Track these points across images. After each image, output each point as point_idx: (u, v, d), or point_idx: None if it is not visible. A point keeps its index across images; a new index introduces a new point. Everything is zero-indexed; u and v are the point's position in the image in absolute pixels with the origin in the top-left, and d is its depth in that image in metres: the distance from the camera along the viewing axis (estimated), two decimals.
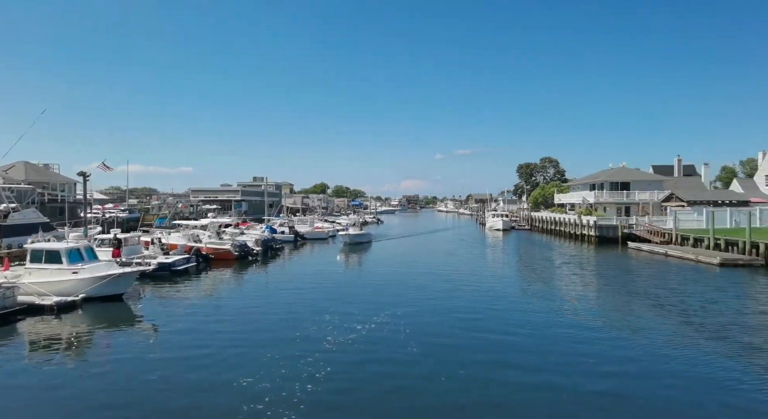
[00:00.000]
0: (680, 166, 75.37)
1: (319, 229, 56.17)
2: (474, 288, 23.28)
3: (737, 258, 29.28)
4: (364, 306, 18.42)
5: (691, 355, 12.78)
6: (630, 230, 45.84)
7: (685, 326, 15.62)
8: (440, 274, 27.79)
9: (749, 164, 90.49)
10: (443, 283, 24.47)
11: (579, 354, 13.14)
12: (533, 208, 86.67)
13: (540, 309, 18.44)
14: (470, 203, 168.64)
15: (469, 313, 17.84)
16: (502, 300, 20.44)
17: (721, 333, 14.64)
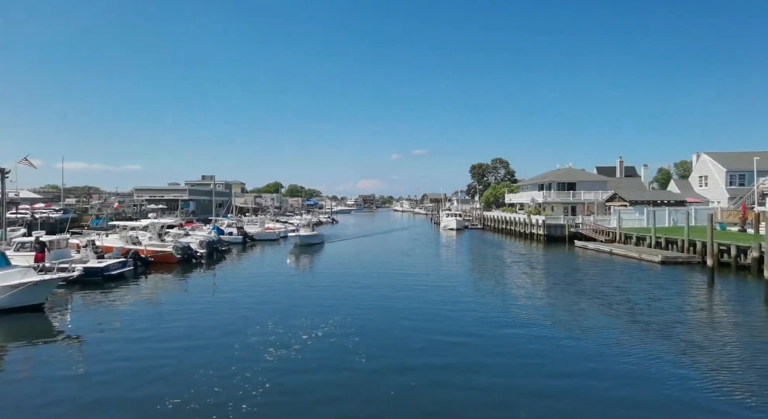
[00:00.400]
0: (622, 167, 78.85)
1: (270, 230, 54.43)
2: (426, 289, 22.90)
3: (677, 256, 30.54)
4: (312, 312, 17.46)
5: (640, 354, 12.81)
6: (576, 229, 47.26)
7: (632, 325, 15.78)
8: (393, 275, 27.27)
9: (682, 166, 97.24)
10: (395, 285, 23.93)
11: (531, 355, 13.01)
12: (485, 207, 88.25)
13: (492, 310, 18.24)
14: (425, 203, 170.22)
15: (421, 316, 17.34)
16: (454, 301, 20.11)
17: (665, 332, 14.85)
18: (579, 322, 16.31)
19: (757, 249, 25.61)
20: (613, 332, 14.98)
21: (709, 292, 21.39)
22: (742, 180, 56.13)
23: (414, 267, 31.39)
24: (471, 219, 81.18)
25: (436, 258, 37.13)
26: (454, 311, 18.25)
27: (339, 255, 38.86)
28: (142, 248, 30.20)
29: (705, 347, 13.40)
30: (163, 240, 33.71)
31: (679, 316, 17.03)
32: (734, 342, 13.81)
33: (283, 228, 56.65)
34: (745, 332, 14.98)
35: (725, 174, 56.45)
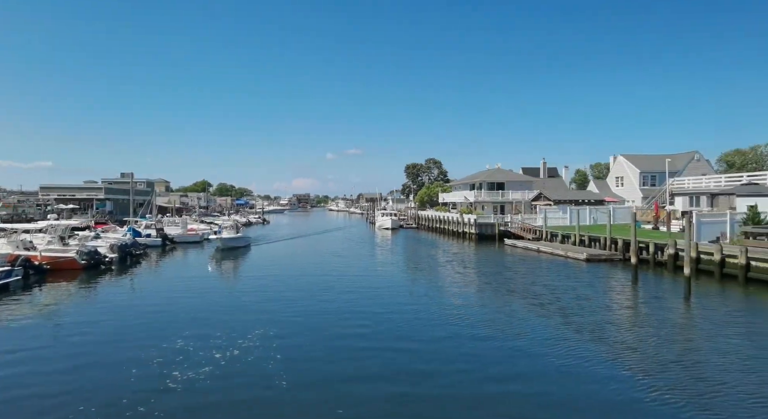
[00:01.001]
0: (545, 168, 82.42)
1: (193, 231, 50.88)
2: (359, 293, 21.77)
3: (600, 253, 31.73)
4: (231, 325, 15.64)
5: (575, 356, 12.52)
6: (506, 228, 48.37)
7: (565, 326, 15.60)
8: (323, 280, 25.83)
9: (596, 168, 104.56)
10: (326, 289, 22.59)
11: (467, 360, 12.42)
12: (420, 207, 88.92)
13: (426, 314, 17.46)
14: (361, 202, 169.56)
15: (352, 324, 16.12)
16: (388, 305, 19.13)
17: (598, 333, 14.76)
18: (513, 324, 15.94)
19: (673, 247, 27.07)
20: (547, 333, 14.70)
21: (633, 289, 22.07)
22: (653, 180, 60.38)
23: (347, 269, 30.20)
24: (406, 218, 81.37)
25: (371, 259, 36.18)
26: (387, 316, 17.28)
27: (267, 258, 36.70)
28: (36, 254, 26.58)
29: (637, 348, 13.37)
30: (65, 245, 30.04)
31: (609, 315, 17.19)
32: (663, 342, 13.92)
33: (207, 230, 53.20)
34: (673, 330, 15.26)
35: (639, 175, 60.44)
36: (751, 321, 16.21)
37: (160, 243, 43.44)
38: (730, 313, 17.30)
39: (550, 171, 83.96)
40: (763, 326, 15.70)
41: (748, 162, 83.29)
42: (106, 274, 27.51)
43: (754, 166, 78.69)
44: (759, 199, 33.22)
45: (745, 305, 18.78)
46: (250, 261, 34.65)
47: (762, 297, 19.82)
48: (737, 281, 22.39)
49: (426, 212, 74.43)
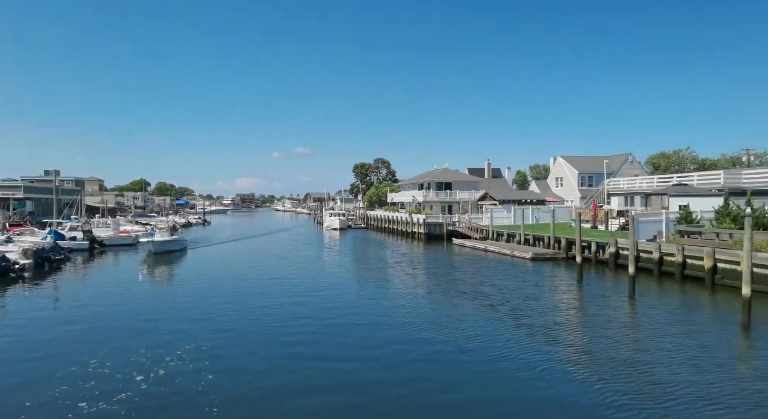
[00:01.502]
0: (489, 169, 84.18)
1: (126, 233, 47.35)
2: (304, 298, 20.54)
3: (544, 252, 32.23)
4: (155, 342, 13.96)
5: (529, 360, 12.14)
6: (454, 227, 48.57)
7: (517, 329, 15.24)
8: (265, 284, 24.32)
9: (535, 169, 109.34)
10: (267, 296, 21.18)
11: (421, 368, 11.76)
12: (369, 206, 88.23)
13: (373, 319, 16.59)
14: (308, 202, 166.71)
15: (295, 334, 14.92)
16: (335, 312, 18.08)
17: (551, 335, 14.49)
18: (464, 327, 15.39)
19: (614, 245, 27.82)
20: (499, 336, 14.26)
21: (579, 288, 22.28)
22: (591, 181, 62.93)
23: (291, 272, 28.78)
24: (355, 218, 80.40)
25: (317, 262, 34.86)
26: (334, 322, 16.27)
27: (205, 262, 34.44)
28: None
29: (589, 350, 13.14)
30: None
31: (558, 316, 17.05)
32: (614, 343, 13.81)
33: (142, 231, 49.63)
34: (622, 331, 15.26)
35: (577, 175, 62.80)
36: (691, 319, 16.58)
37: (87, 246, 39.92)
38: (672, 311, 17.67)
39: (494, 172, 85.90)
40: (702, 324, 16.07)
41: (672, 164, 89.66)
42: (16, 283, 24.55)
43: (676, 169, 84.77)
44: (690, 198, 35.06)
45: (683, 303, 19.32)
46: (186, 266, 32.29)
47: (697, 294, 20.54)
48: (674, 279, 23.20)
49: (375, 212, 73.82)
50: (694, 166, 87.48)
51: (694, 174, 44.92)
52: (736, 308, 17.59)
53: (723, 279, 21.20)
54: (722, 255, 21.29)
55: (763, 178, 38.57)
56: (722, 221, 28.01)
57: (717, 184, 40.71)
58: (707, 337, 14.20)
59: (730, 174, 40.69)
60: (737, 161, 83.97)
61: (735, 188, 39.54)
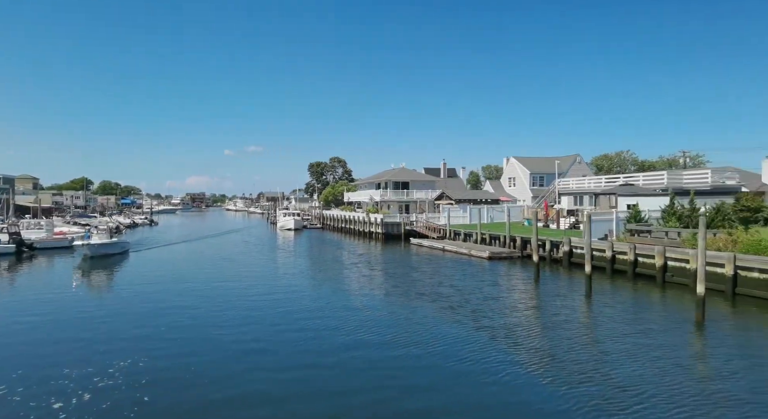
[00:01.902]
0: (445, 169, 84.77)
1: (61, 235, 43.86)
2: (254, 305, 19.32)
3: (501, 251, 32.35)
4: (83, 359, 12.42)
5: (491, 361, 11.74)
6: (411, 227, 48.27)
7: (479, 332, 14.80)
8: (212, 290, 22.71)
9: (487, 169, 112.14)
10: (213, 302, 19.72)
11: (376, 373, 11.29)
12: (325, 206, 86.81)
13: (330, 324, 15.69)
14: (262, 201, 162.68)
15: (244, 347, 13.79)
16: (287, 317, 17.04)
17: (512, 338, 14.16)
18: (424, 331, 14.81)
19: (568, 244, 28.21)
20: (460, 339, 13.76)
21: (537, 288, 22.28)
22: (542, 181, 64.50)
23: (243, 276, 27.31)
24: (310, 218, 78.80)
25: (270, 264, 33.43)
26: (287, 329, 15.27)
27: (149, 266, 32.12)
28: None
29: (550, 352, 12.84)
30: None
31: (518, 317, 16.80)
32: (575, 345, 13.62)
33: (81, 233, 46.05)
34: (582, 331, 15.15)
35: (529, 175, 64.20)
36: (647, 318, 16.73)
37: (13, 250, 36.55)
38: (628, 310, 17.83)
39: (449, 171, 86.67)
40: (659, 323, 16.22)
41: (614, 165, 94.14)
42: None
43: (618, 170, 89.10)
44: (637, 198, 36.29)
45: (638, 301, 19.58)
46: (127, 271, 29.87)
47: (650, 292, 20.97)
48: (626, 276, 23.69)
49: (331, 212, 72.59)
50: (634, 168, 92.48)
51: (639, 174, 46.71)
52: (688, 306, 18.01)
53: (673, 276, 21.79)
54: (672, 254, 21.87)
55: (702, 178, 40.55)
56: (668, 220, 29.06)
57: (661, 184, 42.49)
58: (665, 337, 14.28)
59: (673, 175, 42.54)
60: (673, 163, 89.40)
61: (677, 188, 41.40)
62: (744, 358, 12.29)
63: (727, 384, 10.54)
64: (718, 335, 14.43)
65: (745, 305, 17.78)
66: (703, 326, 14.94)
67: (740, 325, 15.63)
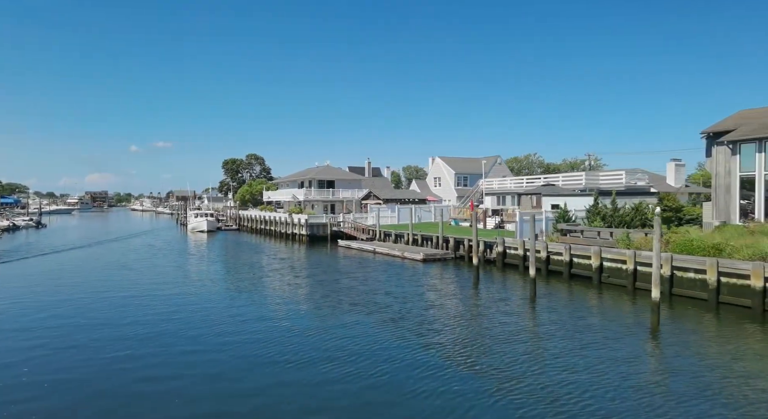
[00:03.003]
0: (370, 168, 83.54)
1: None
2: (154, 324, 15.88)
3: (435, 252, 31.05)
4: None
5: (447, 389, 9.80)
6: (339, 228, 45.88)
7: (426, 351, 12.90)
8: (103, 307, 18.73)
9: (407, 170, 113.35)
10: (102, 322, 16.06)
11: (313, 407, 8.67)
12: (242, 206, 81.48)
13: (250, 347, 12.98)
14: (171, 201, 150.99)
15: (143, 368, 10.82)
16: (197, 339, 14.03)
17: (465, 355, 12.42)
18: (365, 351, 12.62)
19: (501, 245, 27.51)
20: (408, 361, 11.78)
21: (477, 293, 20.96)
22: (466, 181, 65.16)
23: (143, 288, 23.25)
24: (225, 219, 73.37)
25: (178, 272, 29.18)
26: (198, 353, 12.34)
27: (21, 280, 26.62)
28: None
29: (513, 376, 11.26)
30: None
31: (467, 329, 15.14)
32: (535, 362, 12.19)
33: None
34: (538, 343, 13.82)
35: (455, 175, 64.57)
36: (600, 325, 15.89)
37: None
38: (575, 316, 16.90)
39: (374, 171, 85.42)
40: (613, 330, 15.42)
41: (523, 167, 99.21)
42: None
43: (527, 171, 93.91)
44: (561, 198, 36.91)
45: (581, 305, 18.81)
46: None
47: (587, 294, 20.50)
48: (562, 277, 23.27)
49: (249, 212, 67.89)
50: (540, 170, 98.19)
51: (559, 175, 48.21)
52: (634, 309, 17.55)
53: (609, 277, 21.59)
54: (608, 254, 21.66)
55: (617, 179, 42.50)
56: (593, 220, 29.46)
57: (579, 185, 43.99)
58: (628, 347, 13.33)
59: (591, 175, 44.25)
60: (575, 165, 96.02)
61: (594, 188, 43.02)
62: (699, 364, 11.56)
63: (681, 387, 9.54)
64: (677, 342, 13.78)
65: (682, 306, 17.67)
66: (659, 332, 14.27)
67: (692, 330, 15.21)
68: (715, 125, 28.32)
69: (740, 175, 24.93)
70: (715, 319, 16.06)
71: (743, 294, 16.54)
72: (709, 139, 27.90)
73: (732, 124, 27.09)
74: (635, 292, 20.06)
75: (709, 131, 27.62)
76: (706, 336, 14.49)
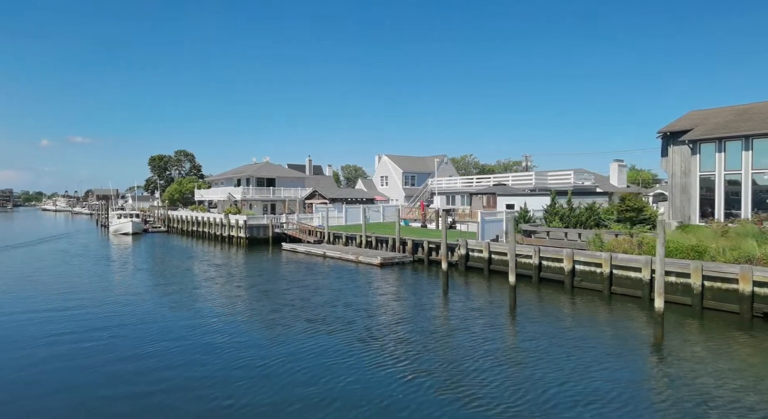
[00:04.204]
0: (311, 166, 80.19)
1: None
2: (64, 346, 12.37)
3: (393, 256, 28.74)
4: None
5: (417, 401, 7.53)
6: (282, 229, 42.49)
7: (411, 382, 10.55)
8: (7, 323, 14.87)
9: (346, 169, 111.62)
10: (5, 344, 12.33)
11: None
12: (171, 205, 75.10)
13: (183, 374, 10.03)
14: (90, 200, 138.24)
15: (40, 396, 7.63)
16: (120, 369, 10.79)
17: (451, 377, 10.22)
18: (333, 387, 10.09)
19: (464, 247, 25.80)
20: (401, 396, 9.41)
21: (447, 302, 18.91)
22: (413, 180, 63.74)
23: (52, 304, 19.08)
24: (153, 220, 67.04)
25: (95, 284, 24.67)
26: (120, 384, 9.20)
27: None
28: None
29: (522, 414, 9.22)
30: None
31: (450, 351, 12.97)
32: (546, 395, 10.22)
33: None
34: (539, 366, 11.90)
35: (402, 174, 62.93)
36: (595, 337, 14.35)
37: None
38: (560, 326, 15.32)
39: (315, 169, 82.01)
40: (612, 343, 13.91)
41: (460, 168, 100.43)
42: None
43: (463, 172, 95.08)
44: (516, 198, 36.07)
45: (565, 313, 17.40)
46: None
47: (560, 299, 19.14)
48: (531, 281, 21.86)
49: (179, 212, 62.26)
50: (476, 170, 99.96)
51: (509, 174, 47.84)
52: (614, 316, 16.22)
53: (582, 281, 20.38)
54: (581, 257, 20.45)
55: (565, 179, 42.57)
56: (551, 220, 28.58)
57: (529, 184, 43.69)
58: (635, 364, 11.76)
59: (540, 175, 44.10)
60: (508, 167, 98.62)
61: (543, 188, 42.85)
62: None
63: None
64: (690, 357, 12.41)
65: (667, 312, 16.62)
66: (662, 346, 12.86)
67: (694, 341, 14.01)
68: (670, 125, 28.36)
69: (700, 174, 24.85)
70: (708, 326, 15.05)
71: (729, 300, 15.69)
72: (665, 139, 27.86)
73: (687, 124, 27.16)
74: (611, 297, 18.94)
75: (666, 131, 27.56)
76: (708, 346, 13.29)
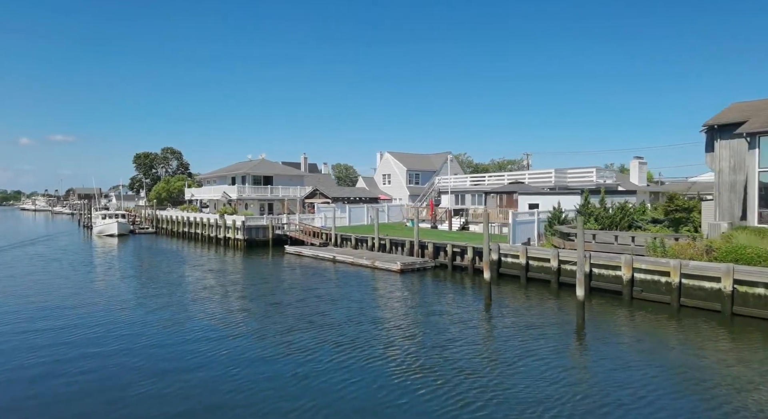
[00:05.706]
0: (306, 164, 77.00)
1: None
2: (41, 362, 9.37)
3: (413, 261, 25.77)
4: None
5: None
6: (283, 231, 39.41)
7: None
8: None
9: (337, 168, 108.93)
10: None
11: None
12: (158, 205, 71.48)
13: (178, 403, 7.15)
14: (72, 200, 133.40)
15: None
16: (108, 387, 7.85)
17: None
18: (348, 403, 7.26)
19: (496, 252, 23.04)
20: None
21: (490, 318, 16.11)
22: (417, 179, 60.93)
23: (28, 314, 15.93)
24: (140, 221, 63.43)
25: (77, 294, 21.41)
26: None
27: None
28: None
29: None
30: None
31: (519, 389, 10.22)
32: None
33: None
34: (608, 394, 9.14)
35: (406, 172, 60.06)
36: (672, 360, 11.68)
37: None
38: (640, 349, 12.62)
39: (310, 167, 78.80)
40: (698, 369, 11.22)
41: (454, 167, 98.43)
42: None
43: None
44: (539, 197, 33.41)
45: (645, 333, 14.73)
46: None
47: (616, 313, 16.44)
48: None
49: (169, 212, 58.76)
50: (470, 169, 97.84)
51: (525, 172, 45.28)
52: (698, 334, 13.53)
53: (643, 292, 17.73)
54: (643, 265, 17.78)
55: (587, 177, 40.08)
56: (587, 221, 26.00)
57: (549, 183, 41.12)
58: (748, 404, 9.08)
59: (560, 173, 41.52)
60: (503, 165, 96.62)
61: (563, 187, 40.34)
62: None
63: None
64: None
65: (754, 328, 14.04)
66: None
67: None
68: (716, 117, 25.85)
69: (759, 170, 22.36)
70: None
71: None
72: (711, 133, 25.38)
73: (737, 116, 24.65)
74: (680, 310, 16.32)
75: (713, 124, 25.01)
76: None
